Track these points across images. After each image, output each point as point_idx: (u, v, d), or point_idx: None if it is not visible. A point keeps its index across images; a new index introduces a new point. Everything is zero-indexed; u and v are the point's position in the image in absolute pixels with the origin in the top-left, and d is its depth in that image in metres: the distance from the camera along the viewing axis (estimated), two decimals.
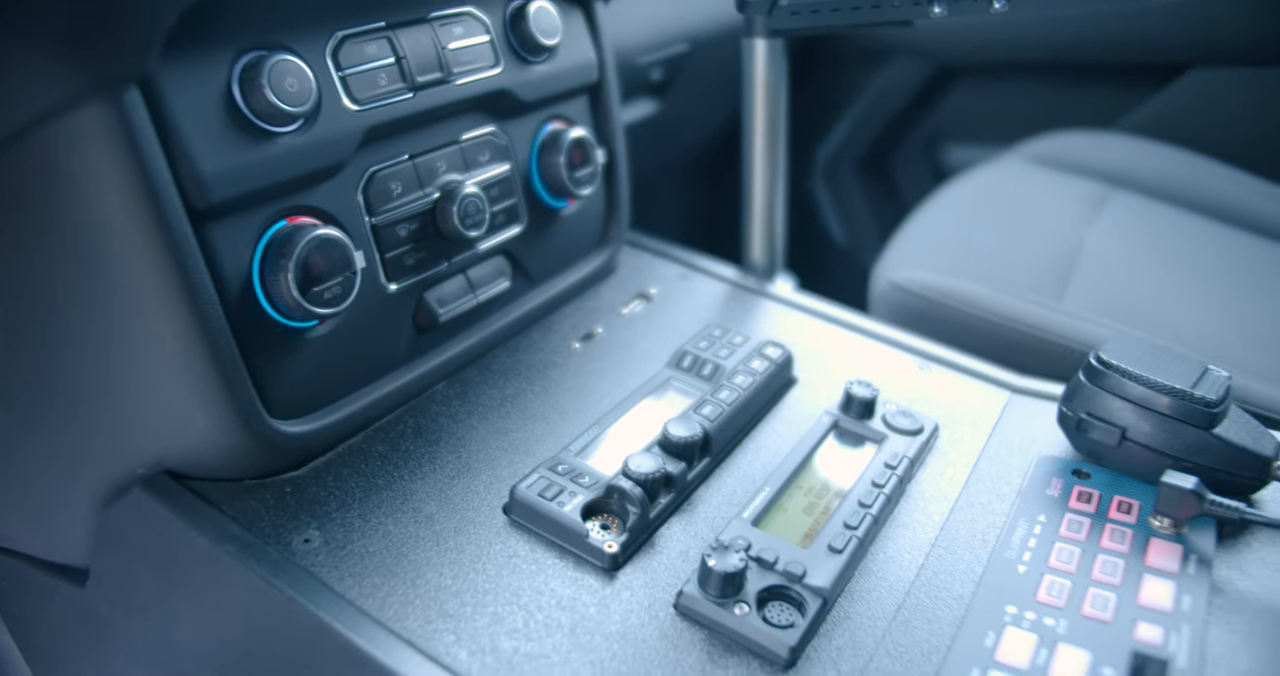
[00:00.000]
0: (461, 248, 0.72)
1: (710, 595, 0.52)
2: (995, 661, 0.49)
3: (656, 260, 0.90)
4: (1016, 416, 0.71)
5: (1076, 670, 0.49)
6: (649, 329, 0.79)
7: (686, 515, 0.60)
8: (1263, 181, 1.33)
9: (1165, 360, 0.63)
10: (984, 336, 0.90)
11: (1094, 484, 0.63)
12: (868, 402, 0.67)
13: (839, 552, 0.55)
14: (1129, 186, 1.29)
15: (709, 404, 0.65)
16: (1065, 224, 1.14)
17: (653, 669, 0.49)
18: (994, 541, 0.59)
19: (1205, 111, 1.46)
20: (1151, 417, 0.61)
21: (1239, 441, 0.60)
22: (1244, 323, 0.97)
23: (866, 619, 0.54)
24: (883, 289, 0.97)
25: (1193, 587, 0.54)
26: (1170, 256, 1.10)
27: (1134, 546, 0.57)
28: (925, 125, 1.76)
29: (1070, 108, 1.61)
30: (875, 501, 0.59)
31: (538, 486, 0.59)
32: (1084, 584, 0.54)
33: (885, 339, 0.80)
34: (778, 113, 0.87)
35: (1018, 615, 0.52)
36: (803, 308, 0.85)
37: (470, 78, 0.71)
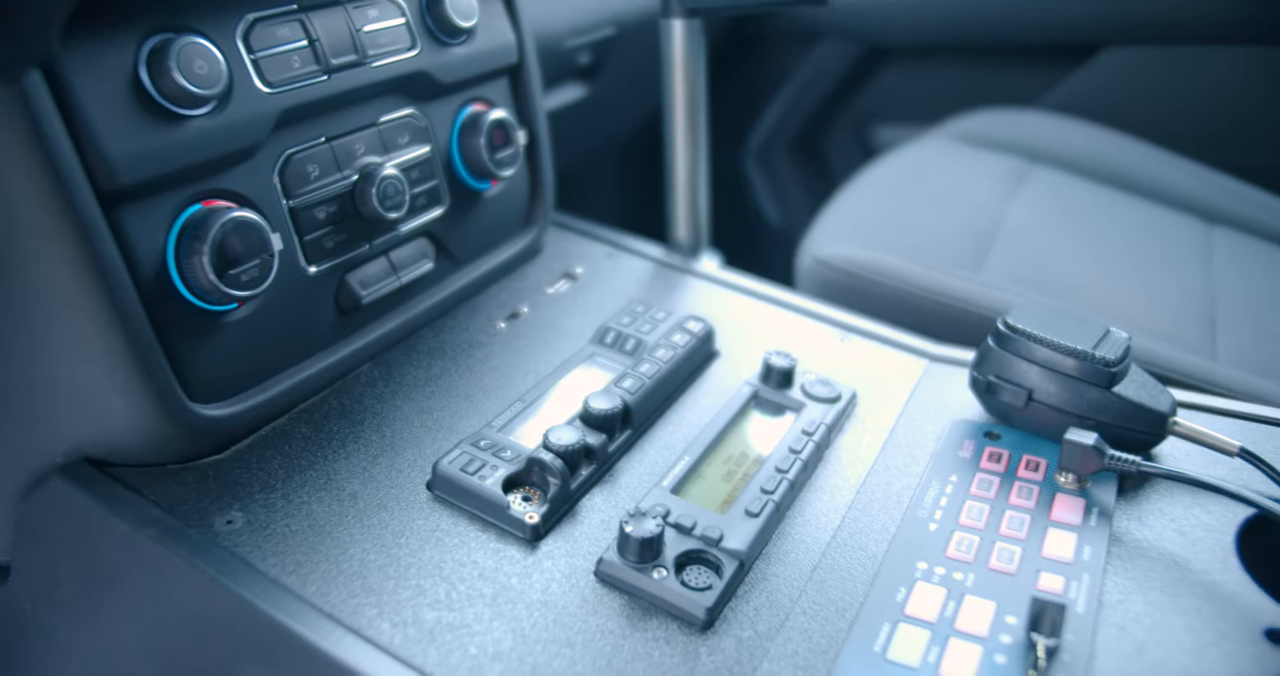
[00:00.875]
0: (382, 230, 0.72)
1: (629, 561, 0.53)
2: (905, 614, 0.51)
3: (583, 240, 0.91)
4: (933, 383, 0.73)
5: (982, 620, 0.51)
6: (574, 307, 0.80)
7: (608, 486, 0.61)
8: (1175, 156, 1.37)
9: (1069, 324, 0.65)
10: (905, 308, 0.92)
11: (1004, 444, 0.65)
12: (786, 372, 0.69)
13: (755, 516, 0.57)
14: (1048, 162, 1.33)
15: (630, 377, 0.67)
16: (986, 199, 1.17)
17: (573, 634, 0.50)
18: (908, 502, 0.60)
19: (1121, 89, 1.50)
20: (1056, 378, 0.63)
21: (1138, 399, 0.62)
22: (1151, 289, 1.01)
23: (783, 580, 0.55)
24: (808, 265, 0.99)
25: (1093, 539, 0.56)
26: (1085, 229, 1.13)
27: (1040, 502, 0.59)
28: (855, 106, 1.78)
29: (994, 87, 1.64)
30: (792, 467, 0.61)
31: (460, 461, 0.59)
32: (991, 539, 0.56)
33: (807, 312, 0.82)
34: (697, 93, 0.88)
35: (928, 570, 0.54)
36: (727, 284, 0.86)
37: (386, 60, 0.71)
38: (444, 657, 0.49)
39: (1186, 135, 1.43)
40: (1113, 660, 0.49)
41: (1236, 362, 0.92)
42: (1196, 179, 1.31)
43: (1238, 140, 1.44)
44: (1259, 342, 0.96)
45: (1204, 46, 1.46)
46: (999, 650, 0.49)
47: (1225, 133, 1.45)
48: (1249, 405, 0.69)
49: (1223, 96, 1.46)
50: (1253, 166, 1.38)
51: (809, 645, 0.51)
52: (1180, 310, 0.98)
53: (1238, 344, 0.95)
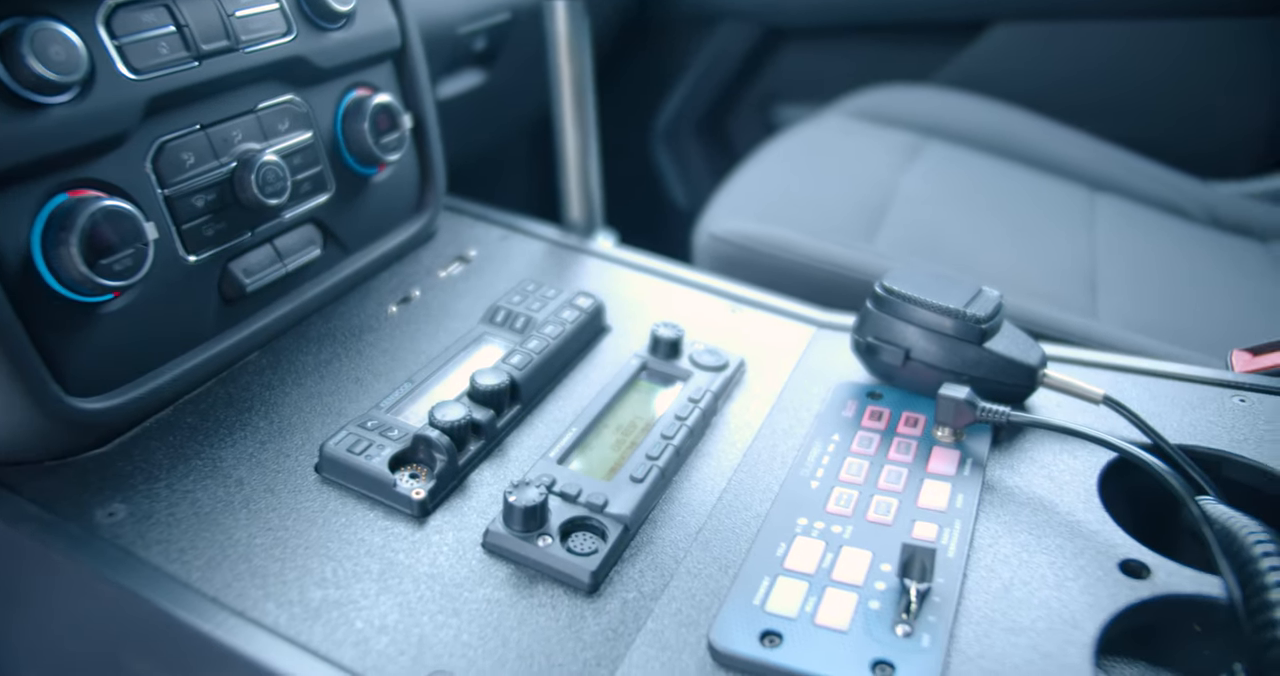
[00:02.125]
0: (265, 217, 0.71)
1: (514, 530, 0.54)
2: (784, 568, 0.53)
3: (477, 224, 0.91)
4: (820, 349, 0.75)
5: (858, 569, 0.52)
6: (467, 289, 0.80)
7: (497, 460, 0.62)
8: (1062, 127, 1.41)
9: (943, 285, 0.67)
10: (797, 278, 0.94)
11: (885, 403, 0.67)
12: (673, 343, 0.70)
13: (640, 482, 0.58)
14: (941, 136, 1.36)
15: (518, 353, 0.67)
16: (879, 172, 1.19)
17: (460, 605, 0.51)
18: (792, 462, 0.62)
19: (1009, 63, 1.55)
20: (931, 337, 0.65)
21: (1009, 354, 0.65)
22: (1037, 254, 1.04)
23: (669, 542, 0.56)
24: (704, 241, 1.00)
25: (966, 488, 0.58)
26: (975, 198, 1.17)
27: (918, 456, 0.61)
28: (758, 87, 1.80)
29: (892, 65, 1.68)
30: (677, 433, 0.62)
31: (346, 442, 0.59)
32: (870, 492, 0.58)
33: (700, 286, 0.83)
34: (584, 73, 0.89)
35: (808, 525, 0.56)
36: (621, 261, 0.87)
37: (261, 46, 0.70)
38: (330, 633, 0.49)
39: (1072, 107, 1.48)
40: (981, 599, 0.51)
41: (1116, 320, 0.95)
42: (1082, 149, 1.36)
43: (1121, 111, 1.49)
44: (1137, 301, 1.00)
45: (1086, 22, 1.51)
46: (874, 596, 0.50)
47: (1109, 104, 1.50)
48: (1115, 356, 0.73)
49: (1106, 69, 1.51)
50: (1135, 136, 1.44)
51: (692, 602, 0.52)
52: (1064, 272, 1.02)
53: (1117, 302, 0.99)
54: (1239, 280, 1.09)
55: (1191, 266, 1.10)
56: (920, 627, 0.48)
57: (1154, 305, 0.99)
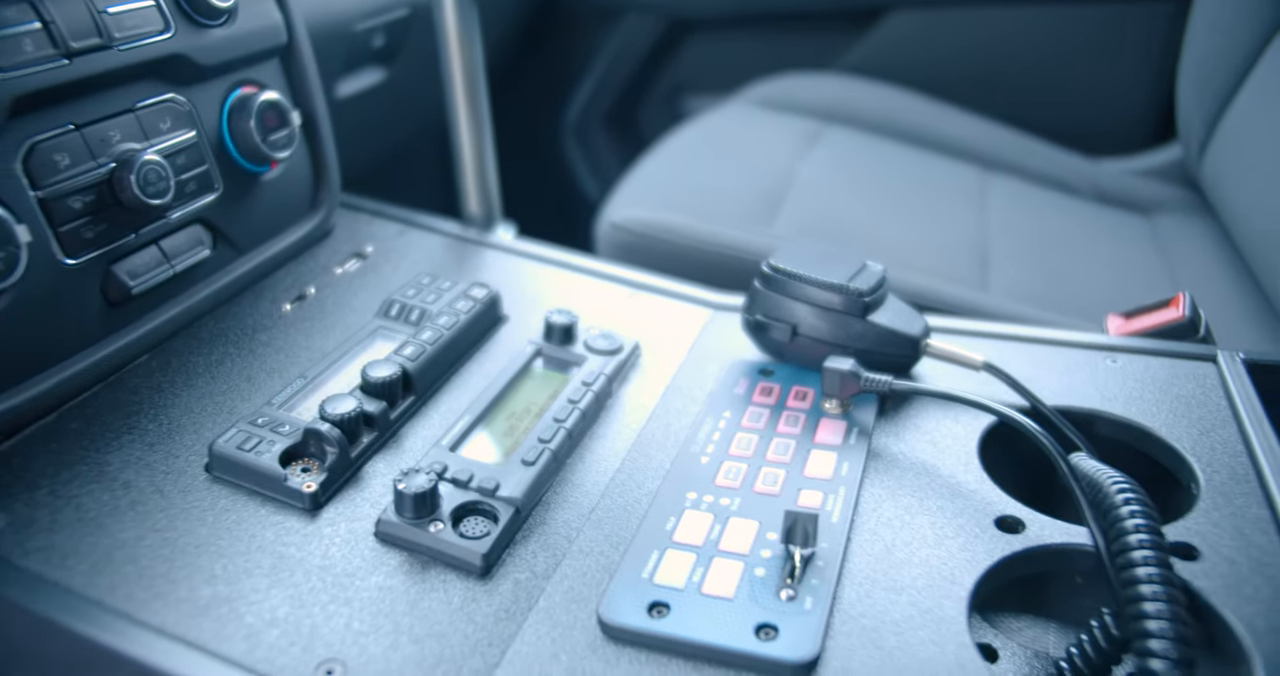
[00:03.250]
0: (149, 218, 0.70)
1: (406, 518, 0.54)
2: (673, 541, 0.54)
3: (375, 220, 0.91)
4: (715, 330, 0.76)
5: (745, 539, 0.54)
6: (364, 285, 0.80)
7: (392, 451, 0.62)
8: (957, 110, 1.45)
9: (828, 261, 0.69)
10: (696, 263, 0.95)
11: (776, 379, 0.68)
12: (566, 328, 0.71)
13: (532, 465, 0.58)
14: (841, 121, 1.39)
15: (410, 345, 0.67)
16: (780, 158, 1.21)
17: (352, 594, 0.51)
18: (684, 440, 0.63)
19: (905, 50, 1.58)
20: (816, 312, 0.67)
21: (892, 325, 0.67)
22: (931, 232, 1.07)
23: (562, 522, 0.57)
24: (605, 231, 1.01)
25: (852, 456, 0.60)
26: (873, 180, 1.19)
27: (806, 428, 0.63)
28: (666, 78, 1.82)
29: (795, 53, 1.70)
30: (570, 417, 0.63)
31: (236, 440, 0.59)
32: (758, 465, 0.60)
33: (598, 273, 0.84)
34: (475, 66, 0.89)
35: (697, 499, 0.57)
36: (521, 253, 0.87)
37: (137, 44, 0.69)
38: (219, 629, 0.49)
39: (967, 90, 1.52)
40: (864, 561, 0.53)
41: (1004, 292, 0.99)
42: (976, 130, 1.40)
43: (1013, 94, 1.54)
44: (1025, 273, 1.03)
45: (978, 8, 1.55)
46: (759, 564, 0.52)
47: (1001, 87, 1.54)
48: (997, 325, 0.75)
49: (998, 54, 1.56)
50: (1027, 117, 1.48)
51: (583, 580, 0.52)
52: (956, 249, 1.05)
53: (1006, 276, 1.02)
54: (1121, 251, 1.13)
55: (1077, 240, 1.14)
56: (804, 591, 0.50)
57: (1041, 277, 1.03)
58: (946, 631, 0.48)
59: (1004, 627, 0.65)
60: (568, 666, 0.47)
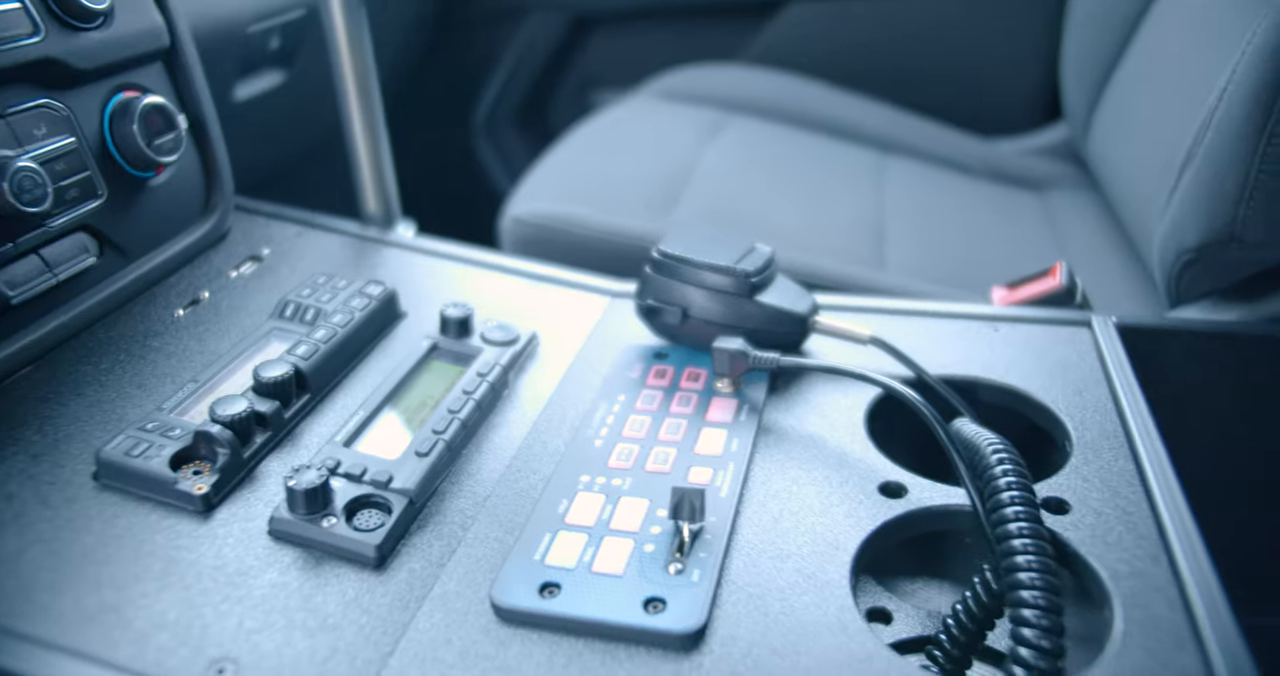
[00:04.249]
0: (27, 226, 0.68)
1: (299, 514, 0.54)
2: (565, 523, 0.55)
3: (271, 222, 0.90)
4: (613, 317, 0.77)
5: (635, 517, 0.55)
6: (260, 288, 0.79)
7: (288, 450, 0.62)
8: (856, 96, 1.49)
9: (717, 244, 0.70)
10: (596, 253, 0.96)
11: (670, 361, 0.69)
12: (462, 321, 0.71)
13: (425, 456, 0.58)
14: (743, 111, 1.41)
15: (304, 344, 0.67)
16: (682, 148, 1.23)
17: (244, 592, 0.51)
18: (578, 425, 0.64)
19: (805, 39, 1.61)
20: (705, 294, 0.68)
21: (779, 304, 0.69)
22: (829, 214, 1.10)
23: (457, 511, 0.57)
24: (508, 225, 1.02)
25: (742, 432, 0.62)
26: (773, 167, 1.21)
27: (698, 407, 0.64)
28: (574, 74, 1.83)
29: (700, 45, 1.72)
30: (464, 407, 0.63)
31: (124, 446, 0.58)
32: (650, 445, 0.61)
33: (498, 267, 0.85)
34: (365, 63, 0.89)
35: (590, 481, 0.58)
36: (421, 250, 0.87)
37: (3, 47, 0.67)
38: (105, 636, 0.48)
39: (865, 77, 1.55)
40: (752, 532, 0.54)
41: (901, 270, 1.01)
42: (874, 115, 1.43)
43: (909, 78, 1.57)
44: (922, 251, 1.06)
45: None
46: (649, 540, 0.53)
47: (898, 72, 1.58)
48: (887, 300, 0.77)
49: (894, 40, 1.60)
50: (923, 101, 1.52)
51: (478, 565, 0.53)
52: (854, 230, 1.08)
53: (902, 254, 1.05)
54: (1013, 226, 1.17)
55: (972, 217, 1.18)
56: (692, 564, 0.51)
57: (936, 253, 1.06)
58: (829, 594, 0.50)
59: (900, 591, 0.67)
60: (460, 650, 0.48)
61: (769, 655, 0.47)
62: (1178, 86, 0.93)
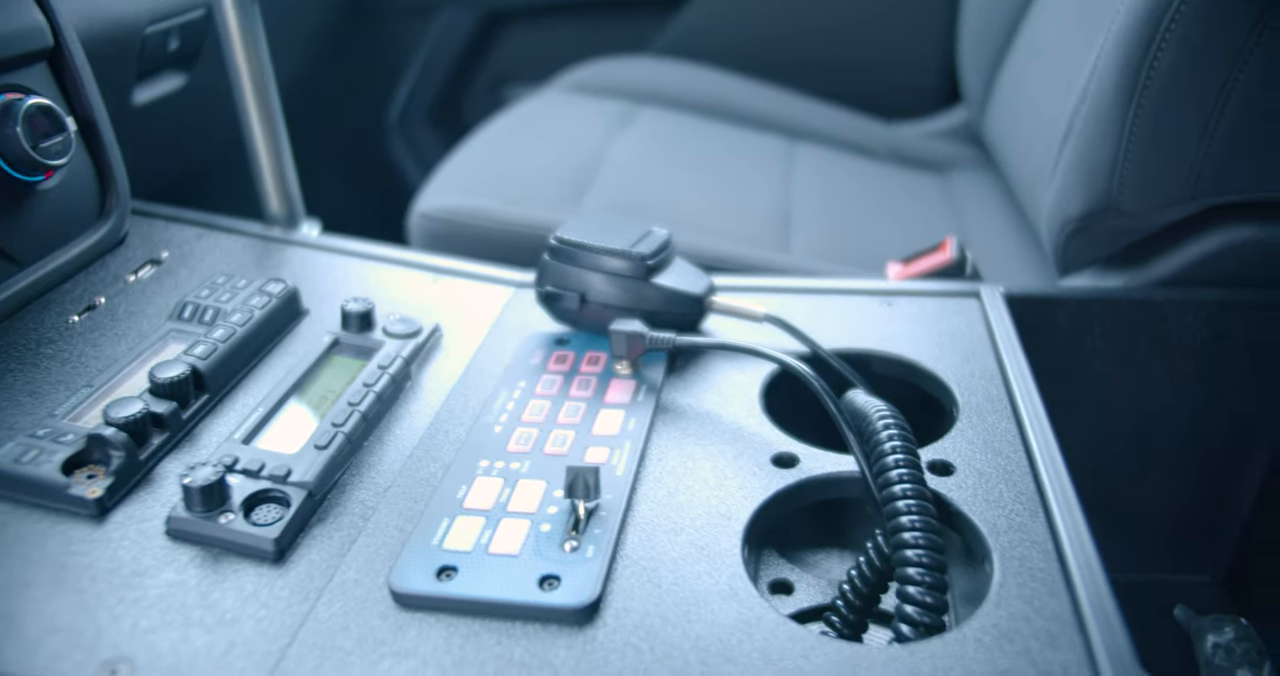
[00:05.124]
0: None
1: (195, 512, 0.54)
2: (463, 508, 0.55)
3: (171, 225, 0.89)
4: (517, 307, 0.78)
5: (532, 498, 0.55)
6: (159, 291, 0.78)
7: (187, 451, 0.61)
8: (765, 85, 1.51)
9: (614, 229, 0.71)
10: (502, 245, 0.97)
11: (571, 347, 0.70)
12: (362, 315, 0.71)
13: (324, 449, 0.59)
14: (654, 102, 1.42)
15: (202, 344, 0.66)
16: (591, 140, 1.24)
17: (140, 593, 0.51)
18: (480, 412, 0.65)
19: (714, 29, 1.63)
20: (602, 278, 0.69)
21: (675, 286, 0.70)
22: (736, 201, 1.12)
23: (358, 503, 0.58)
24: (415, 221, 1.02)
25: (639, 412, 0.63)
26: (682, 156, 1.23)
27: (597, 390, 0.65)
28: (487, 70, 1.82)
29: (612, 38, 1.73)
30: (364, 399, 0.63)
31: (13, 453, 0.57)
32: (549, 429, 0.62)
33: (403, 262, 0.85)
34: (261, 63, 0.88)
35: (489, 466, 0.59)
36: (326, 248, 0.87)
37: None
38: None
39: (772, 66, 1.58)
40: (648, 508, 0.56)
41: (805, 252, 1.04)
42: (781, 103, 1.46)
43: (815, 66, 1.60)
44: (826, 233, 1.08)
45: None
46: (546, 520, 0.54)
47: (805, 60, 1.61)
48: (786, 280, 0.79)
49: (799, 29, 1.62)
50: (829, 88, 1.55)
51: (377, 554, 0.53)
52: (760, 214, 1.09)
53: (807, 237, 1.07)
54: (916, 207, 1.20)
55: (876, 199, 1.21)
56: (586, 541, 0.52)
57: (840, 235, 1.08)
58: (721, 563, 0.51)
59: (803, 562, 0.69)
60: (359, 637, 0.48)
61: (661, 624, 0.48)
62: (1060, 65, 0.96)
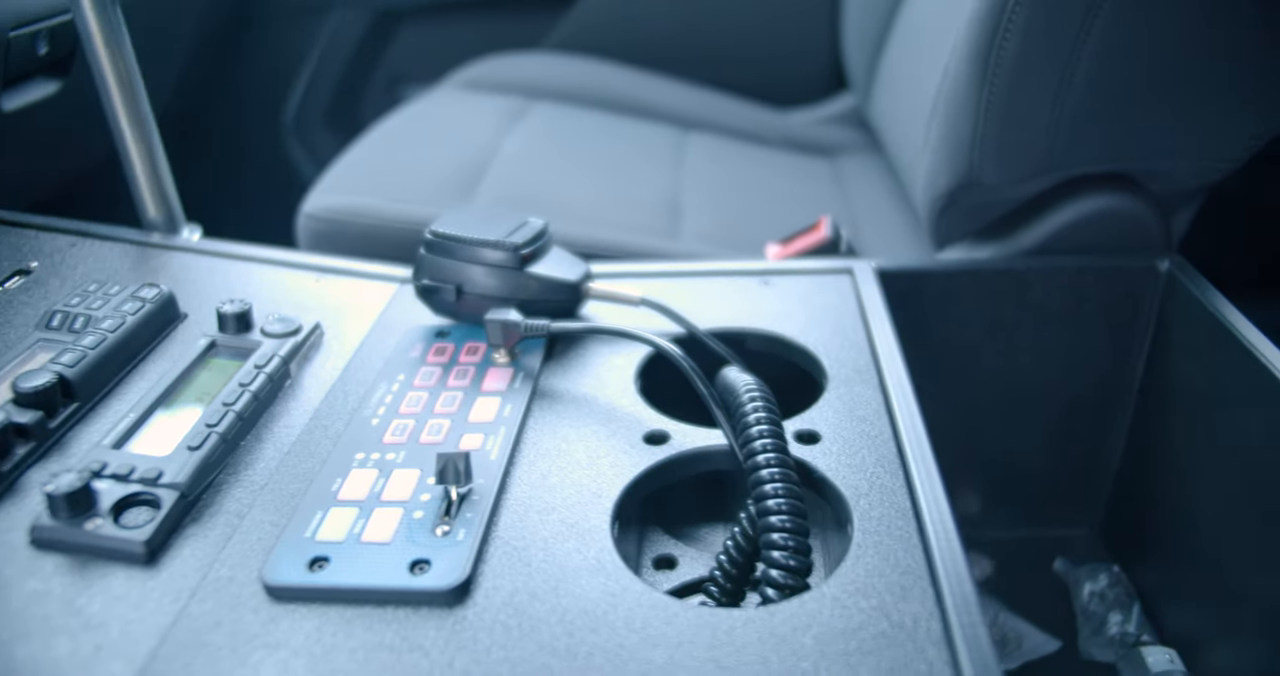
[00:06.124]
0: None
1: (61, 519, 0.53)
2: (337, 500, 0.55)
3: (42, 235, 0.87)
4: (400, 303, 0.78)
5: (406, 487, 0.56)
6: (27, 301, 0.77)
7: (56, 459, 0.60)
8: (658, 77, 1.53)
9: (489, 221, 0.72)
10: (389, 243, 0.97)
11: (451, 339, 0.71)
12: (239, 316, 0.71)
13: (197, 449, 0.58)
14: (547, 97, 1.43)
15: (70, 351, 0.65)
16: (482, 136, 1.24)
17: (3, 605, 0.50)
18: (358, 406, 0.65)
19: (607, 23, 1.64)
20: (477, 269, 0.70)
21: (550, 274, 0.71)
22: (627, 191, 1.13)
23: (234, 501, 0.57)
24: (301, 222, 1.01)
25: (515, 398, 0.64)
26: (574, 150, 1.24)
27: (474, 379, 0.66)
28: (383, 70, 1.81)
29: (507, 35, 1.73)
30: (239, 399, 0.63)
31: None
32: (426, 419, 0.62)
33: (285, 263, 0.84)
34: (126, 66, 0.86)
35: (364, 459, 0.59)
36: (206, 251, 0.86)
37: None
38: None
39: (666, 58, 1.60)
40: (521, 490, 0.56)
41: (695, 238, 1.05)
42: (675, 94, 1.47)
43: (708, 57, 1.62)
44: (716, 219, 1.11)
45: None
46: (418, 507, 0.54)
47: (697, 52, 1.63)
48: (665, 264, 0.81)
49: (691, 21, 1.64)
50: (722, 78, 1.58)
51: (252, 550, 0.53)
52: (650, 204, 1.11)
53: (697, 224, 1.09)
54: (806, 190, 1.23)
55: (767, 184, 1.23)
56: (458, 525, 0.53)
57: (729, 220, 1.10)
58: (590, 540, 0.53)
59: (691, 537, 0.70)
60: (230, 632, 0.48)
61: (529, 600, 0.49)
62: (931, 47, 1.00)
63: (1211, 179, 0.88)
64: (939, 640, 0.46)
